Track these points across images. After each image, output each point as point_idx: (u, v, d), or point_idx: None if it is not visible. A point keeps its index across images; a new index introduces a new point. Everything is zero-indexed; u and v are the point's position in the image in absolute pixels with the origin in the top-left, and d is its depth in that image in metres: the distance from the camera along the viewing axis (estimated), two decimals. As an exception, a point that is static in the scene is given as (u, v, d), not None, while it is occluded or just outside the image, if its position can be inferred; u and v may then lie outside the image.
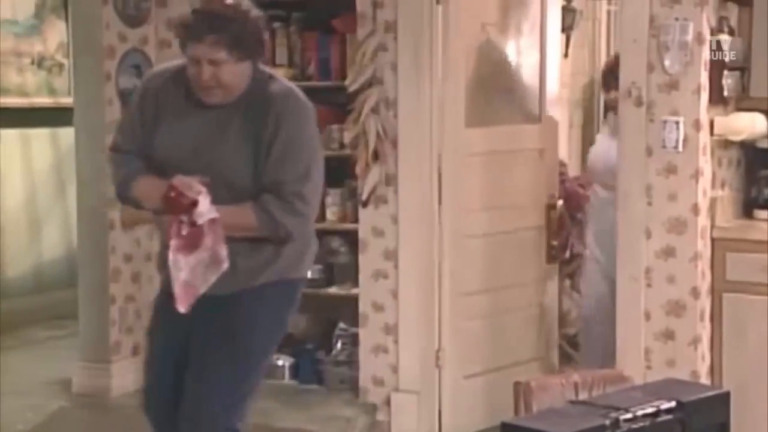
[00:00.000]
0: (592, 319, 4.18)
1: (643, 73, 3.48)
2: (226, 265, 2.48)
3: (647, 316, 3.54)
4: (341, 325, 4.41)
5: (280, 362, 4.48)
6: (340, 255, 4.45)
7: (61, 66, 5.54)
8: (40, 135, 5.55)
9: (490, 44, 4.17)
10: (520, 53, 4.28)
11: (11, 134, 5.41)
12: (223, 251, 2.47)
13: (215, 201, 2.46)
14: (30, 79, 5.44)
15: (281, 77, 2.71)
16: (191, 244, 2.45)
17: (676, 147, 3.46)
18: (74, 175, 4.50)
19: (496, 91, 4.24)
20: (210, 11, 2.51)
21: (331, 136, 4.42)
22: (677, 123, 3.46)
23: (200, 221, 2.44)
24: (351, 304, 4.17)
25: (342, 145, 4.27)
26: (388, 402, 3.99)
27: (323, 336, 4.47)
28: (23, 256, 5.52)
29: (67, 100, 5.19)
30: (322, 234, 4.65)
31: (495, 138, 4.15)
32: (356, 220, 4.09)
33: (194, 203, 2.43)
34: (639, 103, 3.50)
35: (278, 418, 4.11)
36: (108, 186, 4.30)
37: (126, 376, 4.38)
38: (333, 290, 4.42)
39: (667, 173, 3.49)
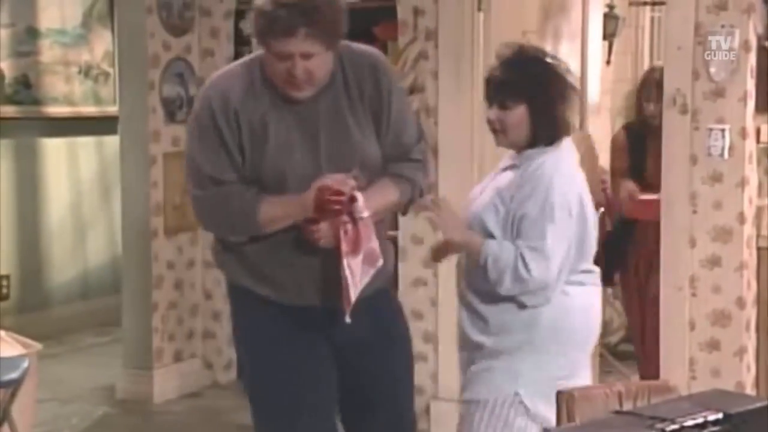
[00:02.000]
0: None
1: (689, 80, 3.44)
2: (381, 262, 2.31)
3: (692, 326, 3.49)
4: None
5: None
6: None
7: (107, 75, 5.62)
8: (85, 143, 5.63)
9: (531, 52, 4.16)
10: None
11: (58, 143, 5.50)
12: (377, 246, 2.29)
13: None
14: (77, 88, 5.52)
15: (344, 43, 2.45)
16: (356, 244, 2.25)
17: (721, 155, 3.42)
18: (119, 183, 4.56)
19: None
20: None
21: (371, 144, 4.43)
22: (723, 131, 3.42)
23: (364, 214, 2.24)
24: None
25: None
26: (427, 410, 3.97)
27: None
28: (69, 264, 5.59)
29: (112, 109, 5.27)
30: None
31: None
32: (396, 228, 4.09)
33: (353, 199, 2.23)
34: (684, 110, 3.47)
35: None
36: (152, 193, 4.39)
37: (168, 383, 4.41)
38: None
39: (712, 181, 3.45)
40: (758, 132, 3.51)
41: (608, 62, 5.26)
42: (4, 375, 2.92)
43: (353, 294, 2.26)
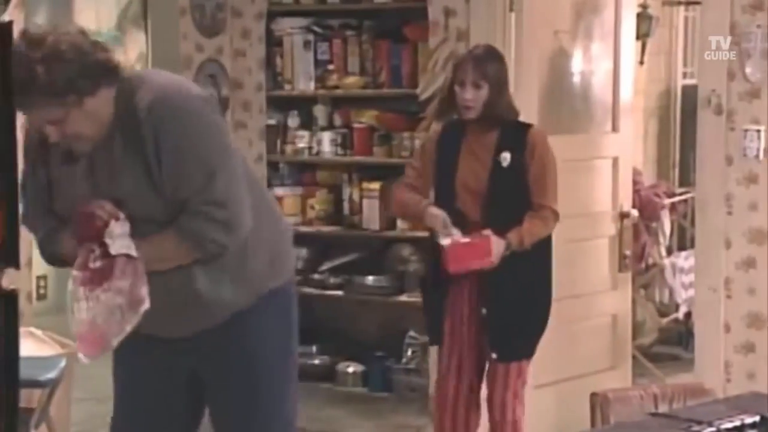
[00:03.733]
0: None
1: (724, 81, 3.41)
2: (146, 306, 2.13)
3: (727, 328, 3.46)
4: (411, 332, 4.41)
5: (350, 369, 4.50)
6: (411, 263, 4.46)
7: (140, 76, 5.66)
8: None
9: (562, 52, 4.14)
10: (594, 61, 4.23)
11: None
12: (144, 291, 2.12)
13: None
14: (111, 90, 5.57)
15: (148, 74, 2.33)
16: (99, 278, 2.12)
17: (757, 156, 3.39)
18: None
19: (568, 99, 4.20)
20: None
21: (402, 144, 4.43)
22: (759, 132, 3.38)
23: (113, 251, 2.10)
24: (421, 311, 4.16)
25: (413, 153, 4.28)
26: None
27: (393, 344, 4.48)
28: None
29: (145, 110, 5.30)
30: (392, 242, 4.70)
31: (568, 146, 4.10)
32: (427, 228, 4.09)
33: (106, 224, 2.10)
34: (719, 111, 3.44)
35: (348, 425, 4.13)
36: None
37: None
38: (403, 298, 4.43)
39: (747, 182, 3.42)
40: (795, 132, 3.47)
41: (641, 62, 5.22)
42: (43, 374, 2.95)
43: (84, 327, 2.13)
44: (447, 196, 3.15)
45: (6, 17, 1.91)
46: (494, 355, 3.15)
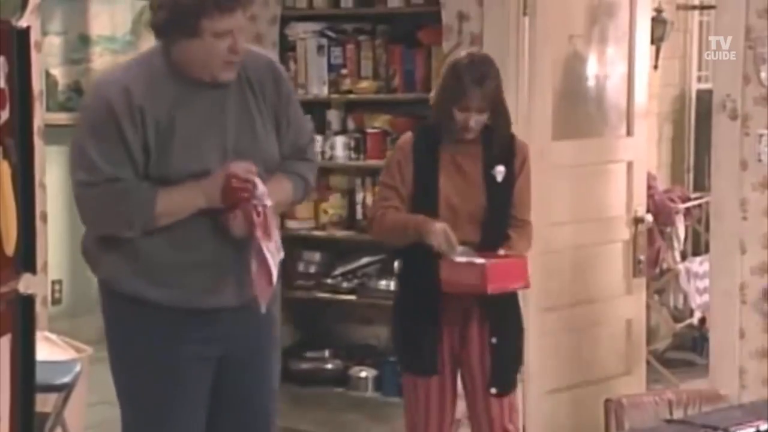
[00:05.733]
0: None
1: (739, 85, 3.40)
2: (283, 253, 2.28)
3: (742, 334, 3.45)
4: (425, 337, 4.40)
5: (363, 374, 4.50)
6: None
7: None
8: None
9: (577, 56, 4.14)
10: (608, 65, 4.23)
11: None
12: (279, 238, 2.27)
13: None
14: (125, 94, 5.58)
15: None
16: (268, 229, 2.22)
17: (772, 161, 3.37)
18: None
19: (583, 103, 4.19)
20: None
21: (416, 149, 4.43)
22: (774, 136, 3.37)
23: (267, 203, 2.21)
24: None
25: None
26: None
27: (407, 348, 4.47)
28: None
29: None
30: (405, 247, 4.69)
31: (582, 150, 4.10)
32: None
33: (255, 185, 2.21)
34: (734, 116, 3.42)
35: (361, 430, 4.13)
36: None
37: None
38: (417, 303, 4.41)
39: (763, 188, 3.41)
40: (810, 137, 3.45)
41: (656, 67, 5.21)
42: (57, 379, 2.97)
43: (275, 278, 2.22)
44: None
45: (23, 23, 1.92)
46: (494, 390, 2.88)
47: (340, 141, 4.61)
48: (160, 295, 2.25)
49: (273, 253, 2.22)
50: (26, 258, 1.83)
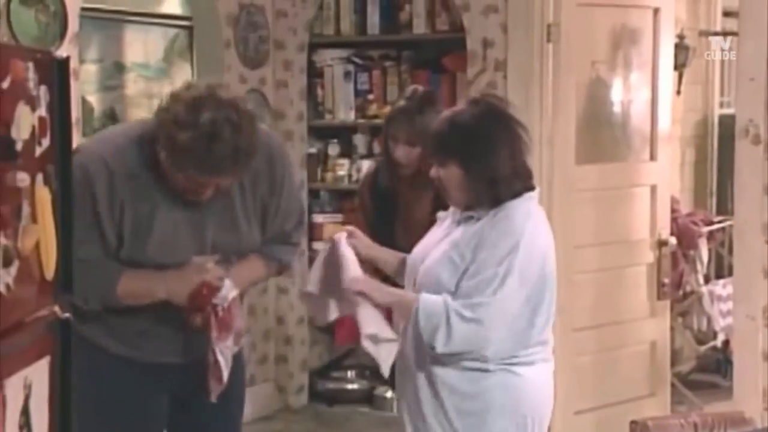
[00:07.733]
0: None
1: (762, 110, 3.42)
2: (244, 339, 2.34)
3: (765, 357, 3.44)
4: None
5: (388, 394, 4.52)
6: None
7: (185, 106, 5.74)
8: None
9: (600, 81, 4.17)
10: (632, 90, 4.26)
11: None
12: (242, 324, 2.31)
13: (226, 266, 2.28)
14: (158, 121, 5.65)
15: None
16: (227, 326, 2.26)
17: (795, 186, 3.38)
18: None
19: (607, 128, 4.22)
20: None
21: (441, 173, 4.48)
22: (796, 162, 3.38)
23: (231, 295, 2.24)
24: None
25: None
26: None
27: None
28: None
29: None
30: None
31: (605, 174, 4.13)
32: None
33: (218, 288, 2.24)
34: (757, 141, 3.44)
35: (387, 450, 4.14)
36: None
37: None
38: (442, 325, 4.44)
39: (785, 211, 3.41)
40: (833, 162, 3.46)
41: (678, 92, 5.23)
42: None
43: (225, 377, 2.27)
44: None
45: (63, 53, 1.98)
46: None
47: (366, 164, 4.67)
48: (122, 351, 2.32)
49: (226, 354, 2.26)
50: (64, 281, 1.88)
